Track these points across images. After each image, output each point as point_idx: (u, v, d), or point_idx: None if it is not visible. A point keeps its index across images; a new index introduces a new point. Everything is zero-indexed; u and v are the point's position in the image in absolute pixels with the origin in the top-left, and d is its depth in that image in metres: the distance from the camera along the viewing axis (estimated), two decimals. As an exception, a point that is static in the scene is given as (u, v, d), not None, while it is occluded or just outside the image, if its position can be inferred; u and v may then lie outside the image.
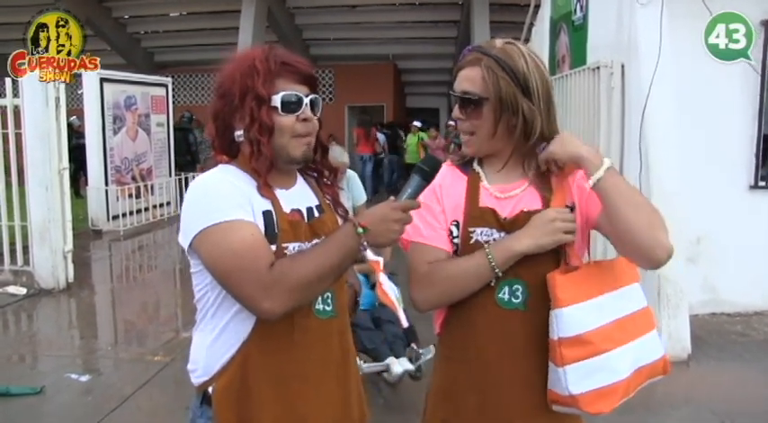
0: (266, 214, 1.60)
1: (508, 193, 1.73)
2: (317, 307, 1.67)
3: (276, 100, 1.63)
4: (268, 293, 1.50)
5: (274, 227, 1.60)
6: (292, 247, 1.61)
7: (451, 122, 15.19)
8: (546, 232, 1.62)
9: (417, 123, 17.05)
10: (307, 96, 1.67)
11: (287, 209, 1.66)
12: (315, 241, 1.66)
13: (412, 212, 1.60)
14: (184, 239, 1.60)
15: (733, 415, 4.16)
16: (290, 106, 1.64)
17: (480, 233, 1.69)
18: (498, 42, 1.73)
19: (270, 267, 1.52)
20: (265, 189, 1.64)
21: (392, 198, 1.60)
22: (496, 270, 1.64)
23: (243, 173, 1.66)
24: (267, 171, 1.64)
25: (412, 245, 1.76)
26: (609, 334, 1.61)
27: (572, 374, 1.58)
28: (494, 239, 1.69)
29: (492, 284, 1.67)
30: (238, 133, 1.66)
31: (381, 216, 1.56)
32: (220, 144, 1.72)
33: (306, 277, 1.52)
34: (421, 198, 1.63)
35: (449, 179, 1.79)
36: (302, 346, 1.64)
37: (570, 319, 1.59)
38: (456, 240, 1.74)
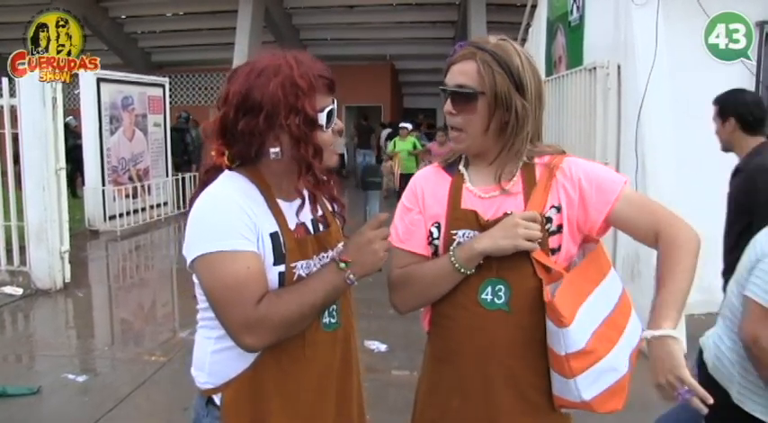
0: (273, 236, 1.59)
1: (492, 192, 1.72)
2: (324, 320, 1.68)
3: (322, 118, 1.61)
4: (251, 330, 1.52)
5: (282, 247, 1.60)
6: (300, 265, 1.61)
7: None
8: (506, 236, 1.61)
9: (408, 125, 14.68)
10: (335, 105, 1.66)
11: (292, 225, 1.65)
12: (322, 255, 1.67)
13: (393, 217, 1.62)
14: (187, 256, 1.59)
15: (728, 414, 4.17)
16: (331, 121, 1.64)
17: (462, 235, 1.69)
18: (492, 39, 1.71)
19: (257, 303, 1.52)
20: (276, 206, 1.63)
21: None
22: (461, 269, 1.65)
23: (250, 184, 1.63)
24: (316, 189, 1.66)
25: (392, 248, 1.77)
26: (605, 335, 1.62)
27: (582, 383, 1.60)
28: None
29: (474, 283, 1.68)
30: (275, 150, 1.60)
31: (356, 245, 1.59)
32: (239, 156, 1.65)
33: (288, 317, 1.54)
34: (402, 200, 1.66)
35: (432, 181, 1.79)
36: (311, 360, 1.66)
37: (576, 334, 1.58)
38: (436, 242, 1.74)
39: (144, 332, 6.12)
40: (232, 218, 1.55)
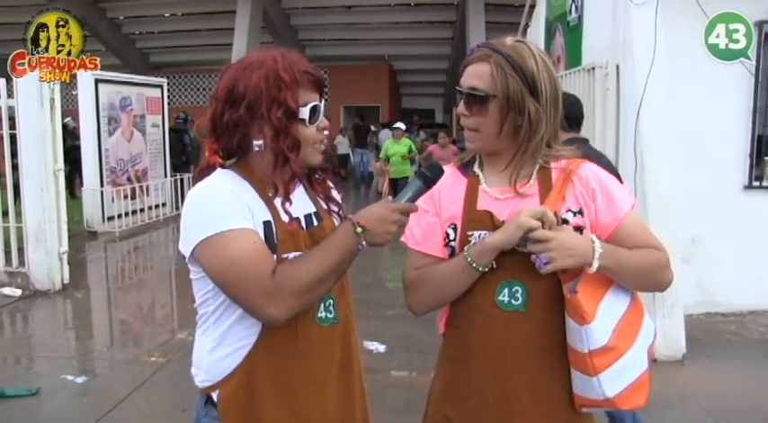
0: (266, 224, 1.60)
1: (507, 194, 1.72)
2: (319, 315, 1.67)
3: (304, 112, 1.62)
4: (272, 300, 1.51)
5: (274, 237, 1.60)
6: (292, 256, 1.61)
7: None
8: (511, 223, 1.61)
9: (401, 125, 12.97)
10: (321, 103, 1.68)
11: (285, 218, 1.65)
12: None
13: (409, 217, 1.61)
14: (185, 248, 1.59)
15: (727, 414, 4.18)
16: (315, 117, 1.65)
17: (478, 236, 1.68)
18: (509, 40, 1.70)
19: (272, 274, 1.52)
20: (269, 200, 1.64)
21: (389, 197, 1.61)
22: (474, 264, 1.64)
23: (242, 180, 1.65)
24: (290, 183, 1.66)
25: (408, 250, 1.78)
26: (625, 331, 1.64)
27: (606, 380, 1.60)
28: None
29: (491, 285, 1.67)
30: (258, 143, 1.63)
31: (380, 216, 1.57)
32: (226, 150, 1.68)
33: (308, 280, 1.53)
34: (419, 202, 1.64)
35: (448, 182, 1.78)
36: (306, 354, 1.65)
37: (598, 331, 1.59)
38: (453, 243, 1.74)
39: (143, 333, 6.12)
40: (228, 202, 1.57)
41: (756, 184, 6.15)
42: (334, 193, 1.86)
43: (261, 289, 1.51)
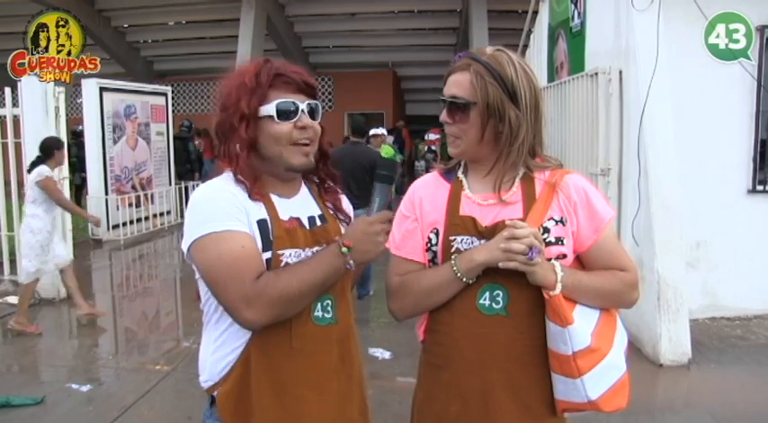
0: (261, 223, 1.65)
1: (490, 200, 1.75)
2: (315, 314, 1.69)
3: (270, 109, 1.66)
4: (249, 304, 1.55)
5: (269, 234, 1.64)
6: (289, 253, 1.65)
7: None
8: (497, 248, 1.63)
9: (382, 131, 9.95)
10: (303, 103, 1.70)
11: (285, 217, 1.69)
12: (316, 249, 1.70)
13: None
14: (184, 246, 1.65)
15: (734, 419, 4.16)
16: (287, 114, 1.67)
17: (461, 241, 1.72)
18: (489, 49, 1.74)
19: (255, 279, 1.57)
20: (258, 197, 1.67)
21: (364, 215, 1.65)
22: (464, 279, 1.68)
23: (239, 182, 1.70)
24: (254, 181, 1.69)
25: (391, 255, 1.82)
26: (603, 333, 1.67)
27: (589, 382, 1.63)
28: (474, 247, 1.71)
29: (472, 289, 1.70)
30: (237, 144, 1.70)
31: (361, 231, 1.62)
32: (222, 154, 1.74)
33: (288, 292, 1.57)
34: (400, 208, 1.70)
35: (431, 188, 1.83)
36: (301, 353, 1.67)
37: (580, 332, 1.62)
38: (434, 248, 1.77)
39: (148, 341, 6.12)
40: (223, 203, 1.62)
41: (760, 188, 6.14)
42: (344, 205, 1.90)
43: (241, 292, 1.56)
